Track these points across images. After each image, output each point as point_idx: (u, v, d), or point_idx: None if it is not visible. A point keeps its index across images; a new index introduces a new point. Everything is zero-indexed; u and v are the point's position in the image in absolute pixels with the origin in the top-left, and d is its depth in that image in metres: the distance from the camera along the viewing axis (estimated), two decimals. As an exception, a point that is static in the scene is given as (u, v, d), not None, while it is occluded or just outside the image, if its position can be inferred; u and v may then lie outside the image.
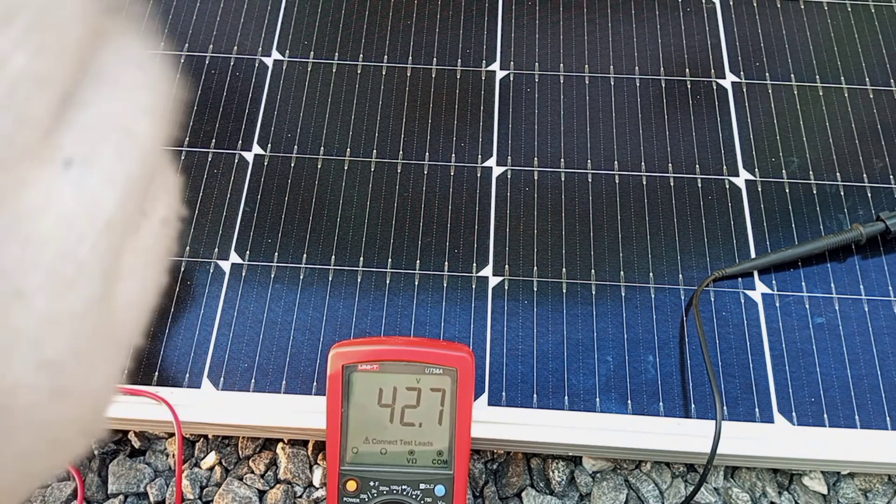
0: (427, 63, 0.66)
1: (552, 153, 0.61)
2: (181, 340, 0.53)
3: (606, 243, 0.57)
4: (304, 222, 0.58)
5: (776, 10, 0.69)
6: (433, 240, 0.58)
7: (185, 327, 0.54)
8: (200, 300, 0.55)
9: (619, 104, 0.64)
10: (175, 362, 0.53)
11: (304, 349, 0.53)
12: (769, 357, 0.53)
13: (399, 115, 0.63)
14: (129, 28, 0.16)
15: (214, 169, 0.60)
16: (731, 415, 0.51)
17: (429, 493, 0.45)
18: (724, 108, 0.63)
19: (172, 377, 0.52)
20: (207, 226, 0.58)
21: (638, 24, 0.68)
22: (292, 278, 0.56)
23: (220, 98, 0.64)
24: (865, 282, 0.56)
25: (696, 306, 0.54)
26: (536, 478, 0.53)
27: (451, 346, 0.46)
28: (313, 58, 0.66)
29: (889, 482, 0.53)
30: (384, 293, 0.55)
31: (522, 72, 0.65)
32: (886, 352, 0.53)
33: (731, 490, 0.52)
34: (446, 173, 0.60)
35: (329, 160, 0.61)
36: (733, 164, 0.61)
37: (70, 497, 0.52)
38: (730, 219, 0.58)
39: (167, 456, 0.54)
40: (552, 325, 0.54)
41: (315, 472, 0.53)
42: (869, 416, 0.51)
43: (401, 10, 0.68)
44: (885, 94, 0.64)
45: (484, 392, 0.52)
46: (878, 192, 0.60)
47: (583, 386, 0.52)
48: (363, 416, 0.45)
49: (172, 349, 0.53)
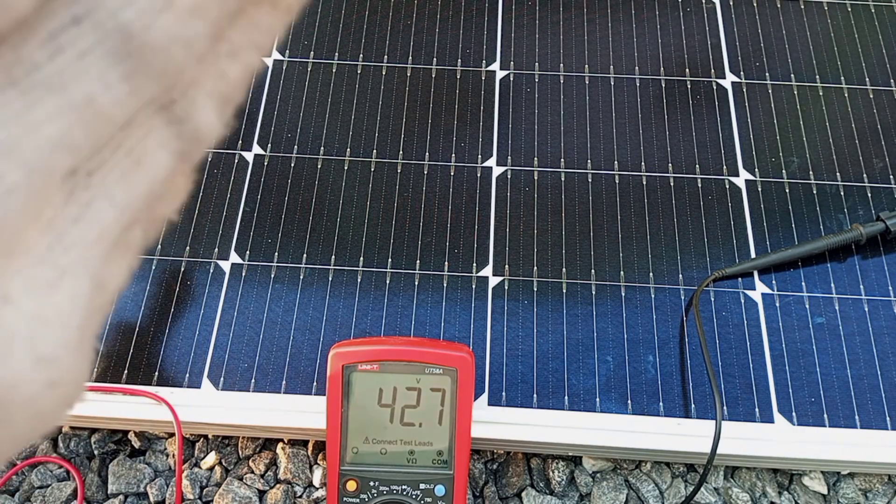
0: (427, 63, 0.66)
1: (552, 153, 0.61)
2: (181, 340, 0.53)
3: (606, 243, 0.57)
4: (304, 222, 0.58)
5: (776, 10, 0.69)
6: (433, 240, 0.58)
7: (185, 327, 0.54)
8: (200, 300, 0.55)
9: (619, 104, 0.64)
10: (175, 362, 0.53)
11: (304, 349, 0.53)
12: (769, 357, 0.53)
13: (399, 115, 0.63)
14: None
15: (214, 169, 0.60)
16: (731, 415, 0.51)
17: (429, 493, 0.45)
18: (724, 108, 0.63)
19: (172, 377, 0.52)
20: (207, 226, 0.58)
21: (638, 24, 0.68)
22: (292, 278, 0.56)
23: (220, 98, 0.63)
24: (865, 282, 0.56)
25: (696, 306, 0.54)
26: (536, 478, 0.53)
27: (451, 346, 0.46)
28: (313, 58, 0.66)
29: (889, 482, 0.53)
30: (384, 293, 0.55)
31: (522, 72, 0.65)
32: (886, 352, 0.53)
33: (731, 490, 0.52)
34: (446, 173, 0.60)
35: (329, 160, 0.61)
36: (733, 164, 0.61)
37: (70, 497, 0.52)
38: (730, 219, 0.58)
39: (167, 456, 0.54)
40: (552, 325, 0.54)
41: (315, 472, 0.53)
42: (869, 416, 0.51)
43: (401, 10, 0.68)
44: (885, 94, 0.64)
45: (484, 392, 0.52)
46: (878, 192, 0.60)
47: (583, 386, 0.52)
48: (363, 416, 0.45)
49: (172, 349, 0.53)
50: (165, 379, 0.52)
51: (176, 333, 0.54)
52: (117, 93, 0.13)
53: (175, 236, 0.57)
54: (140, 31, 0.13)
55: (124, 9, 0.12)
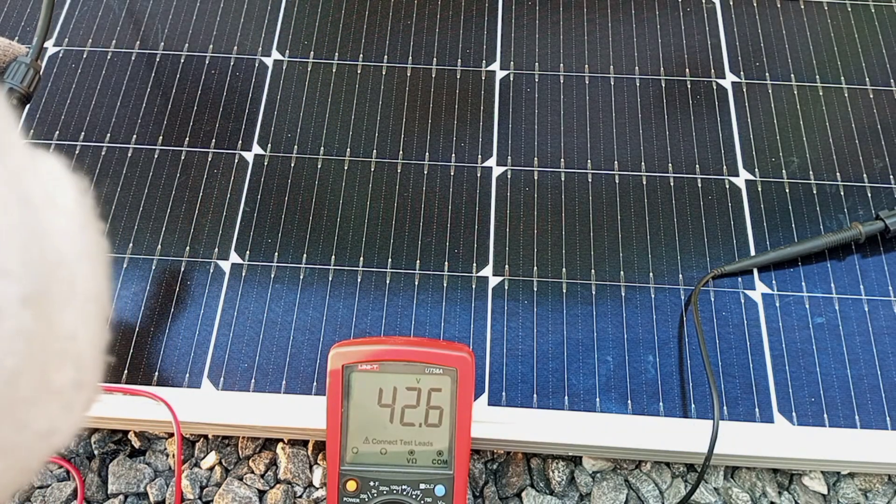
0: (427, 63, 0.66)
1: (552, 153, 0.61)
2: (181, 340, 0.53)
3: (606, 243, 0.57)
4: (304, 222, 0.58)
5: (776, 10, 0.69)
6: (433, 240, 0.58)
7: (185, 327, 0.54)
8: (200, 300, 0.55)
9: (619, 104, 0.64)
10: (175, 362, 0.53)
11: (304, 349, 0.53)
12: (769, 357, 0.53)
13: (399, 115, 0.63)
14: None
15: (214, 169, 0.60)
16: (731, 415, 0.51)
17: (429, 493, 0.45)
18: (724, 108, 0.63)
19: (172, 377, 0.52)
20: (207, 226, 0.58)
21: (638, 24, 0.68)
22: (292, 278, 0.56)
23: (220, 98, 0.64)
24: (865, 282, 0.56)
25: (694, 304, 0.54)
26: (536, 478, 0.53)
27: (451, 346, 0.46)
28: (313, 58, 0.66)
29: (889, 482, 0.53)
30: (384, 293, 0.55)
31: (522, 72, 0.65)
32: (886, 352, 0.53)
33: (731, 490, 0.52)
34: (446, 173, 0.60)
35: (329, 160, 0.61)
36: (733, 164, 0.61)
37: (70, 497, 0.52)
38: (730, 219, 0.58)
39: (167, 456, 0.54)
40: (552, 325, 0.54)
41: (315, 472, 0.53)
42: (869, 416, 0.51)
43: (401, 10, 0.69)
44: (885, 94, 0.64)
45: (484, 392, 0.52)
46: (878, 191, 0.60)
47: (583, 386, 0.52)
48: (363, 416, 0.45)
49: (172, 349, 0.53)
50: (165, 379, 0.52)
51: (176, 333, 0.54)
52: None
53: (175, 236, 0.57)
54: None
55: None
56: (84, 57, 0.65)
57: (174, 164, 0.60)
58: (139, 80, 0.64)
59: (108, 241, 0.27)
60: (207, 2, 0.69)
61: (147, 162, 0.61)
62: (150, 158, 0.61)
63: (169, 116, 0.63)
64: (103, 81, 0.64)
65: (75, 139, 0.61)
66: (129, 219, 0.58)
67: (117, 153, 0.61)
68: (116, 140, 0.61)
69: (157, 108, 0.63)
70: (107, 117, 0.63)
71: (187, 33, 0.67)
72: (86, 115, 0.63)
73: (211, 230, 0.58)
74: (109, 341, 0.53)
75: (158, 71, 0.65)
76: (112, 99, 0.63)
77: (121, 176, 0.60)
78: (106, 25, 0.67)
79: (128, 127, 0.62)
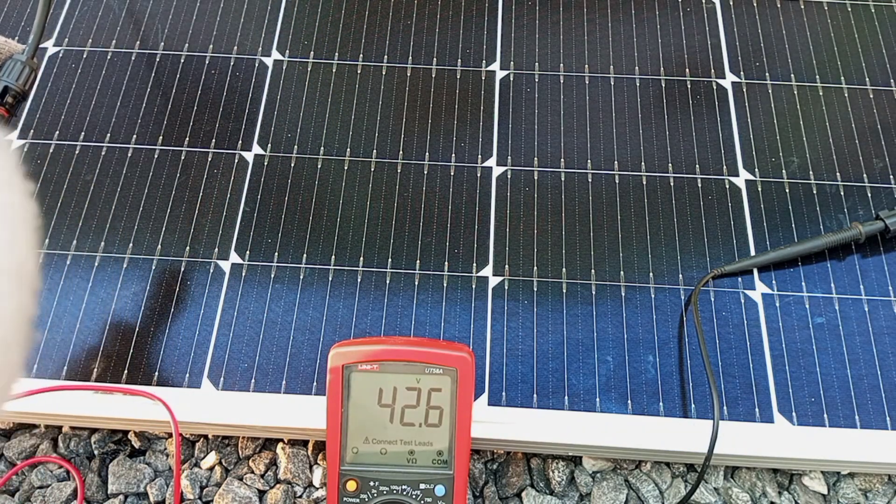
0: (427, 63, 0.66)
1: (552, 153, 0.61)
2: (181, 340, 0.53)
3: (606, 243, 0.57)
4: (304, 222, 0.58)
5: (776, 10, 0.69)
6: (433, 240, 0.58)
7: (185, 327, 0.54)
8: (200, 300, 0.55)
9: (619, 104, 0.64)
10: (175, 362, 0.53)
11: (304, 349, 0.53)
12: (769, 357, 0.53)
13: (399, 115, 0.63)
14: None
15: (214, 169, 0.60)
16: (731, 415, 0.51)
17: (429, 493, 0.45)
18: (724, 108, 0.63)
19: (172, 377, 0.52)
20: (207, 226, 0.58)
21: (638, 24, 0.68)
22: (292, 278, 0.56)
23: (220, 98, 0.64)
24: (865, 282, 0.56)
25: (694, 304, 0.54)
26: (536, 478, 0.53)
27: (451, 346, 0.46)
28: (313, 58, 0.66)
29: (889, 482, 0.53)
30: (384, 293, 0.55)
31: (522, 72, 0.65)
32: (886, 352, 0.53)
33: (731, 490, 0.52)
34: (446, 173, 0.60)
35: (329, 160, 0.61)
36: (733, 164, 0.61)
37: (70, 497, 0.52)
38: (730, 219, 0.58)
39: (167, 456, 0.54)
40: (552, 325, 0.54)
41: (315, 472, 0.53)
42: (869, 416, 0.51)
43: (401, 10, 0.69)
44: (885, 94, 0.64)
45: (484, 392, 0.52)
46: (878, 191, 0.60)
47: (583, 386, 0.52)
48: (363, 416, 0.45)
49: (172, 349, 0.53)
50: (165, 379, 0.52)
51: (176, 333, 0.54)
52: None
53: (175, 236, 0.57)
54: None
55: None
56: (84, 57, 0.65)
57: (174, 164, 0.60)
58: (139, 80, 0.64)
59: (33, 204, 0.26)
60: (207, 2, 0.69)
61: (147, 162, 0.61)
62: (150, 158, 0.61)
63: (169, 116, 0.63)
64: (103, 81, 0.64)
65: (75, 139, 0.61)
66: (129, 219, 0.58)
67: (117, 153, 0.61)
68: (116, 140, 0.61)
69: (157, 108, 0.63)
70: (107, 117, 0.63)
71: (187, 33, 0.67)
72: (86, 115, 0.63)
73: (211, 230, 0.58)
74: (109, 342, 0.53)
75: (158, 71, 0.65)
76: (112, 99, 0.63)
77: (121, 176, 0.60)
78: (106, 25, 0.67)
79: (128, 127, 0.62)
